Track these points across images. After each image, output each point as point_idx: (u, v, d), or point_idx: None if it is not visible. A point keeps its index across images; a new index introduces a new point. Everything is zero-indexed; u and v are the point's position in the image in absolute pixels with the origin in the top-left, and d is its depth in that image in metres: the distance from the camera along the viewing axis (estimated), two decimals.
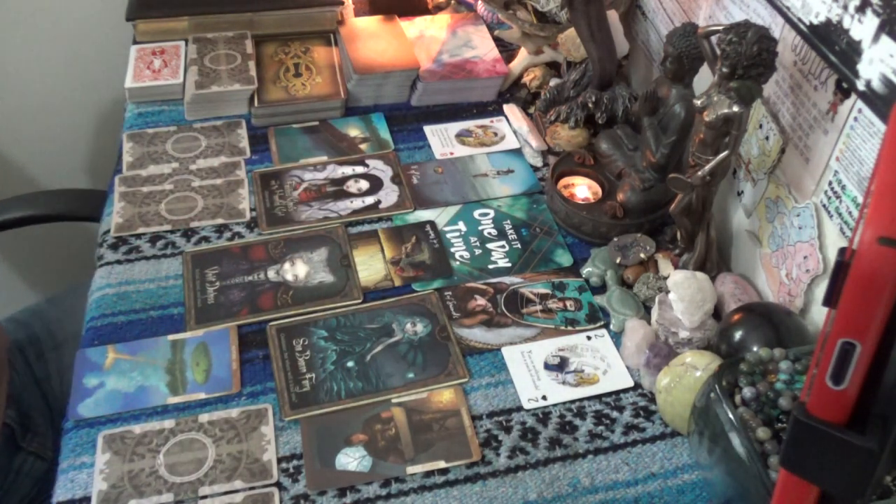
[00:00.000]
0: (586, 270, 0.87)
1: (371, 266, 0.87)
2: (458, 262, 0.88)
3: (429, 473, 0.69)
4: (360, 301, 0.83)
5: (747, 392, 0.61)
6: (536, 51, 1.11)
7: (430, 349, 0.78)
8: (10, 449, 0.92)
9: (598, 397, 0.75)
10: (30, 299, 1.24)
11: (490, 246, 0.90)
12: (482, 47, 1.14)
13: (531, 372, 0.77)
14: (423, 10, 1.22)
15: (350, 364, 0.77)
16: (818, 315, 0.74)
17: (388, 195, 0.95)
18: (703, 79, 0.83)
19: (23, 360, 1.00)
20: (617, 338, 0.81)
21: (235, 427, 0.71)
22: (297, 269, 0.85)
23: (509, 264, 0.88)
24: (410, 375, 0.76)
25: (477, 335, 0.80)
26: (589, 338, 0.81)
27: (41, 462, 0.94)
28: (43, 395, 1.00)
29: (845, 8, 0.65)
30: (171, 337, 0.78)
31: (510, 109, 1.07)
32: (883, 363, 0.36)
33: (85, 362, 0.76)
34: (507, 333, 0.81)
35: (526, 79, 1.11)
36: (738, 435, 0.59)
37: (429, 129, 1.06)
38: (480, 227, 0.92)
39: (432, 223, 0.92)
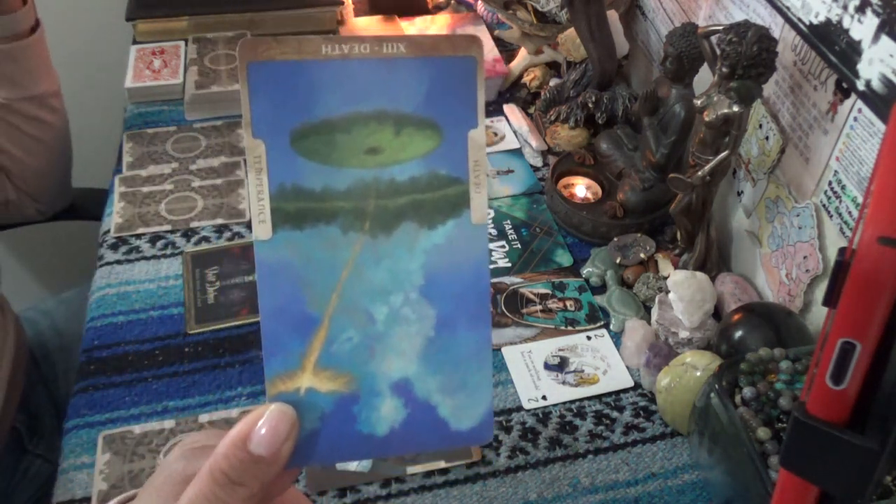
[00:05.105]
0: (586, 270, 0.87)
1: None
2: None
3: (429, 473, 0.69)
4: None
5: (747, 392, 0.61)
6: (536, 51, 1.11)
7: None
8: (16, 451, 0.91)
9: (598, 397, 0.75)
10: (33, 297, 1.24)
11: (490, 246, 0.90)
12: None
13: (531, 372, 0.77)
14: (423, 10, 1.22)
15: None
16: (818, 315, 0.74)
17: None
18: (703, 79, 0.83)
19: (30, 360, 0.99)
20: (617, 338, 0.81)
21: None
22: None
23: (509, 264, 0.88)
24: None
25: None
26: (589, 338, 0.81)
27: (47, 465, 0.93)
28: (50, 397, 0.99)
29: (845, 8, 0.65)
30: None
31: (510, 109, 1.07)
32: (883, 363, 0.36)
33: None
34: (507, 333, 0.81)
35: (526, 79, 1.11)
36: (738, 435, 0.59)
37: None
38: None
39: None
